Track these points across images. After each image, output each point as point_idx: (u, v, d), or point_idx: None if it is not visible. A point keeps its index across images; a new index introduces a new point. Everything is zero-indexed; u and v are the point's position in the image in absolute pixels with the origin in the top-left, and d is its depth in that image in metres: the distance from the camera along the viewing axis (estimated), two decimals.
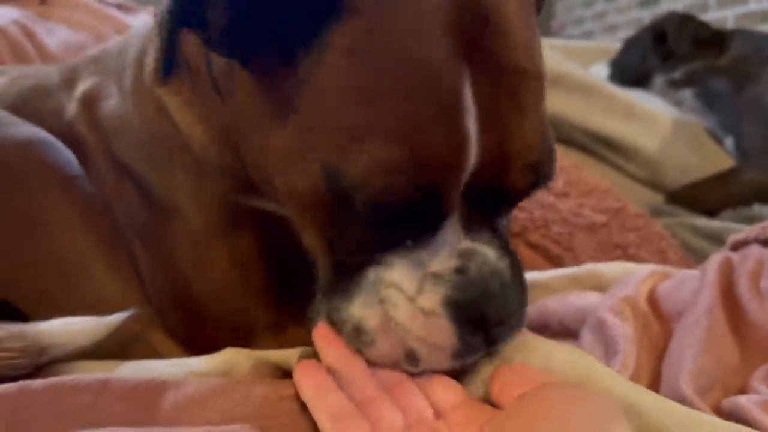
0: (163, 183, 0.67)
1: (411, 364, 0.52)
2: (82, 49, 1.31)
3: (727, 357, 0.65)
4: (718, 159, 1.40)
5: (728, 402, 0.57)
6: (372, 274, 0.52)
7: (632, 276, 0.80)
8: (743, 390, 0.62)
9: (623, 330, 0.67)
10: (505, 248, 0.53)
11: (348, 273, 0.53)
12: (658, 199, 1.34)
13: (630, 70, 1.71)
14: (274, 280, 0.66)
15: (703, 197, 1.29)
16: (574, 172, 1.13)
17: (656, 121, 1.36)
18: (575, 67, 1.44)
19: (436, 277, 0.50)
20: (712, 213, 1.27)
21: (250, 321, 0.65)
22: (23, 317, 0.64)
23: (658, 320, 0.73)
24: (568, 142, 1.39)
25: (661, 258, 1.02)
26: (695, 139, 1.42)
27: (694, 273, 0.77)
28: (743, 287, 0.71)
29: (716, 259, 0.76)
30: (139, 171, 0.68)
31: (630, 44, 1.77)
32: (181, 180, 0.66)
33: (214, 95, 0.61)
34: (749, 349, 0.66)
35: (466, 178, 0.48)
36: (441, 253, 0.51)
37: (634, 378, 0.63)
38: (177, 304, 0.67)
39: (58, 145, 0.70)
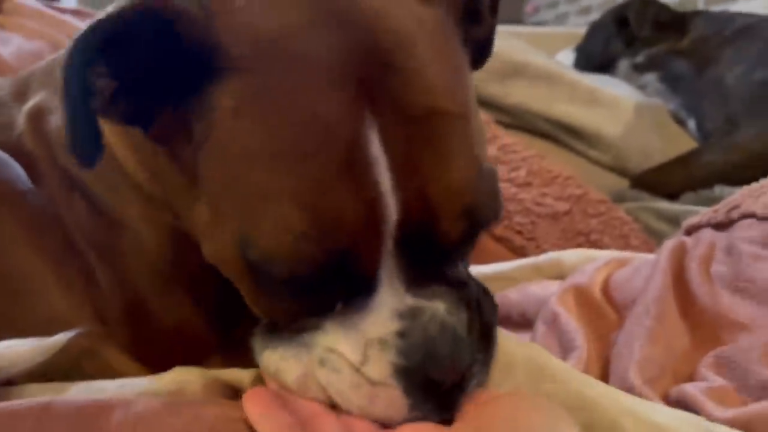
0: (112, 198, 0.65)
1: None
2: (38, 57, 1.29)
3: (677, 344, 0.66)
4: (681, 142, 1.41)
5: (675, 390, 0.58)
6: (307, 337, 0.49)
7: (589, 264, 0.81)
8: (693, 377, 0.63)
9: (573, 325, 0.67)
10: (463, 299, 0.49)
11: (285, 331, 0.51)
12: (623, 184, 1.35)
13: (594, 56, 1.72)
14: (225, 299, 0.65)
15: (666, 180, 1.30)
16: (537, 161, 1.13)
17: (619, 106, 1.37)
18: (539, 56, 1.45)
19: (381, 343, 0.47)
20: (675, 196, 1.27)
21: (203, 337, 0.64)
22: None
23: (613, 309, 0.74)
24: (533, 131, 1.39)
25: (624, 243, 1.03)
26: (658, 122, 1.42)
27: (649, 259, 0.78)
28: (694, 272, 0.71)
29: (669, 245, 0.77)
30: (87, 185, 0.67)
31: (594, 30, 1.77)
32: (129, 198, 0.65)
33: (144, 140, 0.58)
34: (699, 334, 0.67)
35: (392, 233, 0.45)
36: (379, 317, 0.47)
37: (586, 367, 0.64)
38: (131, 317, 0.67)
39: (5, 159, 0.68)
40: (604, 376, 0.65)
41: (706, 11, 1.75)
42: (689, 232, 0.82)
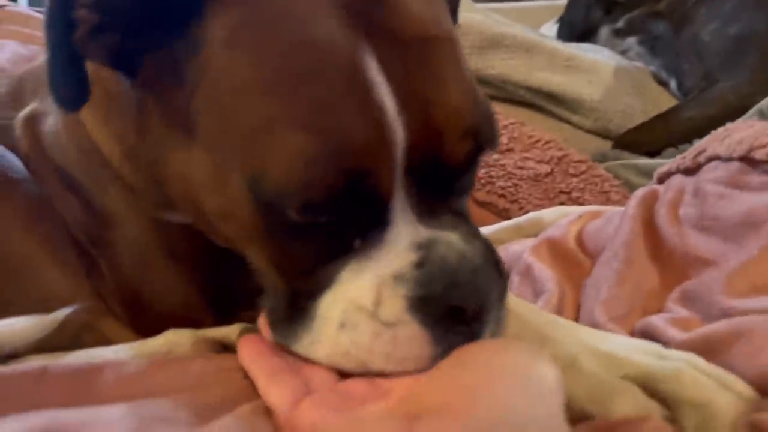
0: (99, 194, 0.67)
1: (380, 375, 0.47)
2: (33, 60, 1.33)
3: (646, 283, 0.68)
4: (661, 101, 1.43)
5: (640, 322, 0.61)
6: (326, 299, 0.48)
7: (564, 219, 0.83)
8: (662, 312, 0.65)
9: (546, 273, 0.70)
10: (473, 233, 0.49)
11: (302, 306, 0.49)
12: (606, 146, 1.37)
13: (576, 26, 1.74)
14: (217, 280, 0.67)
15: (647, 139, 1.32)
16: (518, 127, 1.16)
17: (597, 70, 1.39)
18: (516, 28, 1.47)
19: (395, 278, 0.45)
20: (656, 153, 1.30)
21: (198, 317, 0.66)
22: None
23: (587, 257, 0.77)
24: (515, 100, 1.42)
25: (605, 198, 1.06)
26: (637, 84, 1.45)
27: (620, 210, 0.81)
28: (662, 216, 0.74)
29: (638, 193, 0.79)
30: (79, 181, 0.68)
31: (575, 0, 1.79)
32: (113, 193, 0.66)
33: (128, 119, 0.58)
34: (668, 273, 0.70)
35: (400, 158, 0.45)
36: (396, 250, 0.46)
37: (558, 312, 0.66)
38: (127, 306, 0.69)
39: (0, 150, 0.70)
40: (578, 319, 0.67)
41: None
42: (661, 180, 0.85)
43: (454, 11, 0.62)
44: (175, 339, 0.61)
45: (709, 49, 1.39)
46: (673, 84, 1.50)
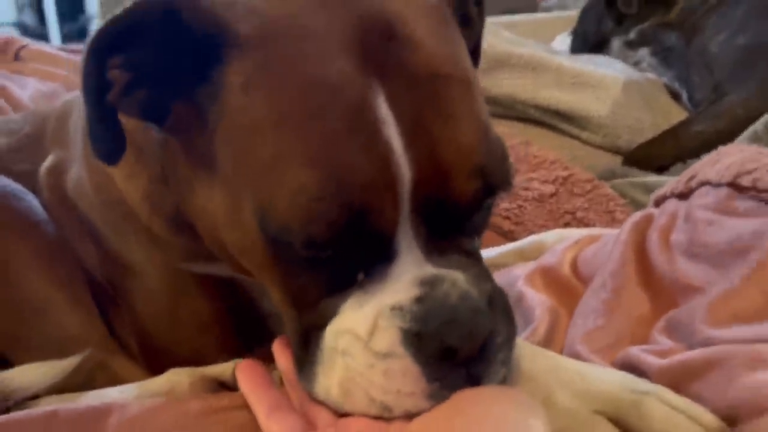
0: (120, 244, 0.71)
1: (386, 413, 0.47)
2: (52, 97, 1.41)
3: (636, 310, 0.69)
4: (672, 115, 1.43)
5: (621, 354, 0.62)
6: (330, 330, 0.49)
7: (560, 244, 0.85)
8: (648, 341, 0.66)
9: (538, 299, 0.72)
10: (482, 274, 0.50)
11: (313, 336, 0.51)
12: (617, 162, 1.37)
13: (588, 38, 1.74)
14: (231, 328, 0.71)
15: (657, 154, 1.32)
16: (523, 148, 1.17)
17: (605, 86, 1.39)
18: (524, 46, 1.48)
19: (393, 310, 0.46)
20: (666, 169, 1.29)
21: (211, 360, 0.68)
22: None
23: (582, 284, 0.78)
24: (524, 119, 1.43)
25: (610, 218, 1.07)
26: (647, 98, 1.44)
27: (616, 233, 0.82)
28: (654, 242, 0.75)
29: (632, 218, 0.80)
30: (99, 230, 0.73)
31: (585, 12, 1.79)
32: (134, 244, 0.70)
33: (155, 168, 0.62)
34: (658, 300, 0.70)
35: (406, 195, 0.45)
36: (398, 285, 0.47)
37: (547, 342, 0.68)
38: (143, 347, 0.73)
39: (22, 192, 0.75)
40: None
41: None
42: (657, 203, 0.85)
43: (476, 49, 0.64)
44: (175, 378, 0.65)
45: (718, 61, 1.38)
46: (684, 96, 1.49)
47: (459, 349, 0.45)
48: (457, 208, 0.48)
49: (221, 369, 0.65)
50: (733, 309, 0.62)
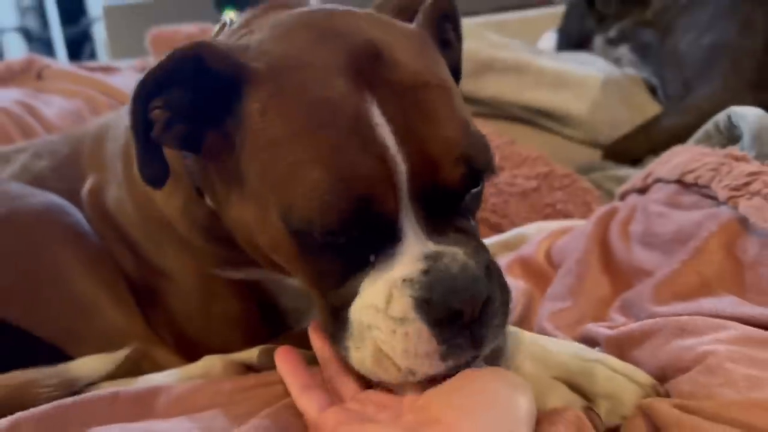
0: (156, 253, 0.82)
1: (411, 378, 0.55)
2: (77, 114, 1.52)
3: (597, 294, 0.81)
4: (648, 110, 1.52)
5: (581, 329, 0.73)
6: (354, 308, 0.57)
7: (538, 236, 0.96)
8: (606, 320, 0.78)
9: (515, 285, 0.84)
10: (478, 248, 0.57)
11: (341, 316, 0.58)
12: (597, 156, 1.47)
13: (572, 35, 1.84)
14: (256, 323, 0.81)
15: (631, 148, 1.42)
16: (508, 147, 1.29)
17: (585, 85, 1.49)
18: (508, 49, 1.58)
19: (404, 282, 0.54)
20: (641, 161, 1.40)
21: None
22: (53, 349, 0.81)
23: (554, 271, 0.90)
24: (509, 118, 1.54)
25: (586, 209, 1.18)
26: (624, 95, 1.53)
27: (584, 225, 0.93)
28: (614, 233, 0.86)
29: (599, 212, 0.92)
30: (137, 241, 0.83)
31: (570, 11, 1.89)
32: (170, 253, 0.81)
33: (189, 189, 0.72)
34: (617, 283, 0.82)
35: (404, 185, 0.54)
36: (405, 261, 0.55)
37: (521, 321, 0.80)
38: (177, 341, 0.84)
39: (69, 208, 0.85)
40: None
41: None
42: (623, 197, 0.97)
43: (457, 67, 0.74)
44: (210, 363, 0.76)
45: (687, 59, 1.48)
46: (659, 91, 1.59)
47: (462, 311, 0.53)
48: (448, 192, 0.56)
49: (248, 354, 0.76)
50: (673, 289, 0.73)
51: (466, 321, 0.53)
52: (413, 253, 0.55)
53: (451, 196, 0.57)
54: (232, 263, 0.77)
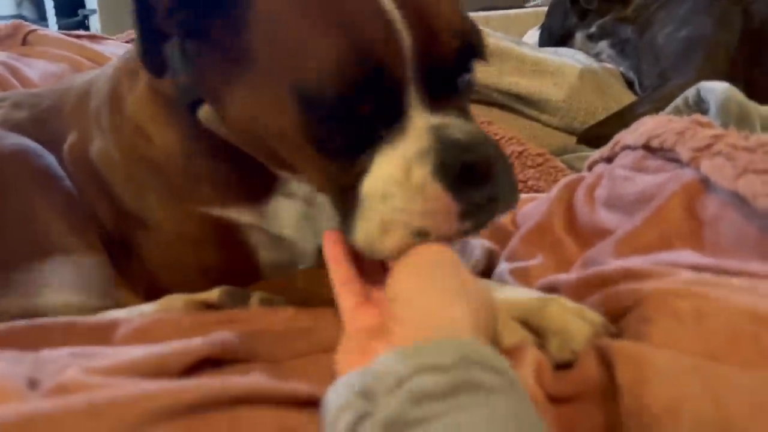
0: (137, 201, 0.82)
1: (421, 238, 0.57)
2: (61, 76, 1.53)
3: (561, 252, 0.82)
4: (623, 100, 1.55)
5: (542, 279, 0.74)
6: (367, 182, 0.58)
7: None
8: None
9: (479, 242, 0.85)
10: (475, 124, 0.60)
11: (350, 195, 0.60)
12: (572, 141, 1.50)
13: (555, 31, 1.88)
14: (229, 274, 0.80)
15: (605, 133, 1.44)
16: (485, 127, 1.30)
17: (563, 73, 1.52)
18: (491, 37, 1.61)
19: (419, 153, 0.56)
20: None
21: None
22: None
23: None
24: (488, 102, 1.56)
25: None
26: (602, 84, 1.57)
27: (549, 192, 0.95)
28: (580, 197, 0.88)
29: (565, 180, 0.93)
30: (117, 192, 0.83)
31: (553, 8, 1.93)
32: (152, 200, 0.81)
33: (187, 116, 0.74)
34: (580, 244, 0.83)
35: (409, 54, 0.56)
36: (415, 133, 0.57)
37: (482, 274, 0.81)
38: (146, 289, 0.84)
39: (42, 151, 0.85)
40: None
41: None
42: (590, 168, 0.98)
43: None
44: (170, 301, 0.77)
45: (664, 51, 1.52)
46: (636, 83, 1.63)
47: (476, 166, 0.56)
48: (448, 64, 0.59)
49: (209, 294, 0.76)
50: (634, 245, 0.74)
51: (479, 177, 0.56)
52: (421, 125, 0.57)
53: (450, 68, 0.59)
54: (220, 200, 0.78)
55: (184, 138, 0.77)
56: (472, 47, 0.61)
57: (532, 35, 1.99)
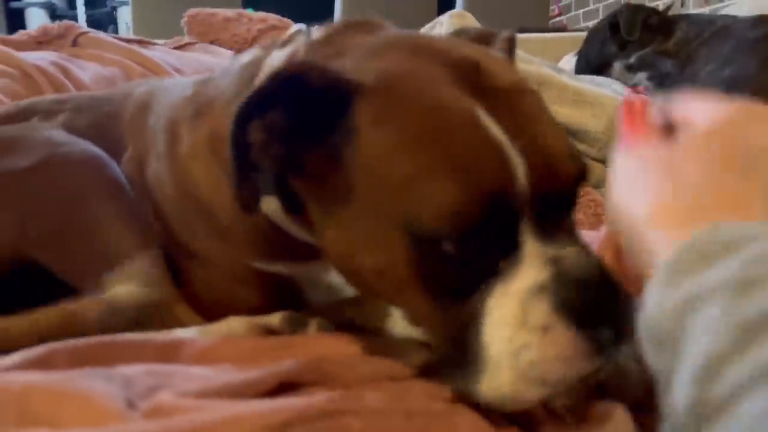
0: (185, 232, 0.84)
1: (558, 389, 0.53)
2: (111, 81, 1.55)
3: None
4: None
5: None
6: (486, 329, 0.54)
7: None
8: None
9: None
10: (586, 247, 0.57)
11: (464, 343, 0.56)
12: None
13: (593, 59, 1.89)
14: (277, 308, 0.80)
15: None
16: None
17: (603, 104, 1.52)
18: (532, 64, 1.62)
19: (537, 288, 0.52)
20: None
21: None
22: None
23: None
24: None
25: (597, 220, 1.21)
26: None
27: (597, 235, 0.96)
28: None
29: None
30: (167, 217, 0.85)
31: (591, 36, 1.94)
32: (202, 237, 0.82)
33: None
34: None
35: (523, 182, 0.54)
36: (530, 267, 0.53)
37: None
38: (200, 311, 0.85)
39: (109, 160, 0.87)
40: None
41: (690, 15, 1.90)
42: None
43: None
44: (232, 323, 0.78)
45: (706, 88, 1.52)
46: None
47: (599, 303, 0.52)
48: (562, 191, 0.57)
49: (270, 318, 0.78)
50: None
51: (606, 314, 0.52)
52: (536, 258, 0.54)
53: (564, 196, 0.58)
54: (268, 257, 0.79)
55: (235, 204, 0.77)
56: (583, 173, 0.59)
57: (568, 61, 2.00)
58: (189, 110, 0.84)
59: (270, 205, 0.72)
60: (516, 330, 0.53)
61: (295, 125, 0.61)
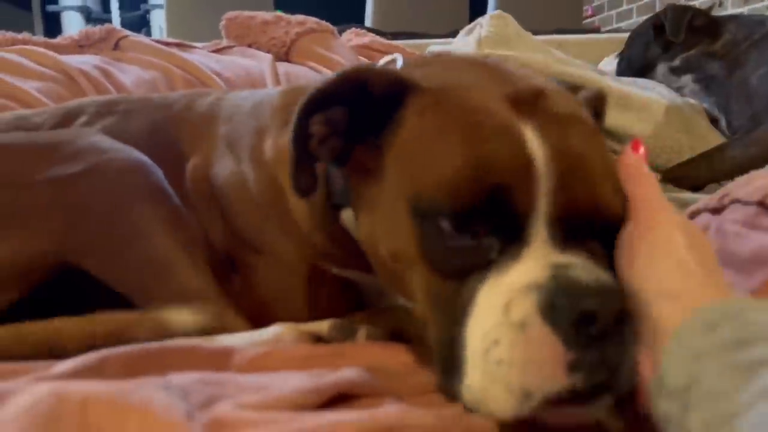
0: (256, 231, 0.85)
1: (525, 402, 0.47)
2: (153, 84, 1.56)
3: None
4: (709, 139, 1.52)
5: None
6: (470, 323, 0.53)
7: None
8: None
9: None
10: (608, 273, 0.52)
11: (455, 341, 0.54)
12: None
13: (635, 61, 1.85)
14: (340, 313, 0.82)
15: (692, 174, 1.42)
16: None
17: (649, 108, 1.49)
18: (573, 65, 1.60)
19: (527, 286, 0.50)
20: (700, 188, 1.39)
21: None
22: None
23: None
24: None
25: None
26: (687, 121, 1.54)
27: None
28: None
29: None
30: (234, 216, 0.87)
31: (634, 37, 1.90)
32: (274, 234, 0.84)
33: (321, 197, 0.76)
34: None
35: (542, 185, 0.54)
36: (530, 265, 0.52)
37: None
38: (252, 310, 0.85)
39: (153, 167, 0.87)
40: None
41: (739, 15, 1.85)
42: (692, 217, 0.97)
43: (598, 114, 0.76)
44: (281, 331, 0.77)
45: (758, 93, 1.48)
46: (723, 122, 1.59)
47: (593, 315, 0.46)
48: (601, 218, 0.55)
49: (319, 326, 0.77)
50: None
51: (598, 329, 0.47)
52: (538, 259, 0.52)
53: (602, 224, 0.56)
54: (338, 262, 0.81)
55: (315, 213, 0.79)
56: (623, 212, 0.57)
57: (609, 62, 1.96)
58: (277, 120, 0.86)
59: (347, 216, 0.75)
60: (494, 325, 0.50)
61: (353, 121, 0.65)
